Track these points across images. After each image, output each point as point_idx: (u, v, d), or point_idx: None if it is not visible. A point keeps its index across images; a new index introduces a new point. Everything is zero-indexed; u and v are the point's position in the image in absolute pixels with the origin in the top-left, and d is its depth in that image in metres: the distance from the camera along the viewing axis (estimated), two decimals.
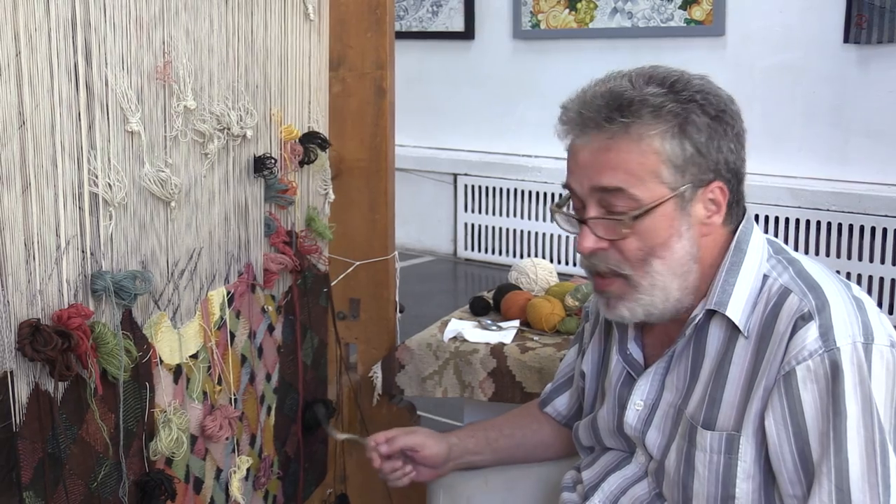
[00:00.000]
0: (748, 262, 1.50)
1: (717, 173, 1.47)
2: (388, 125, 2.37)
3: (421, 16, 6.72)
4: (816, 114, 5.30)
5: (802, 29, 5.27)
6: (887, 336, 1.41)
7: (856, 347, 1.38)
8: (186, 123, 1.57)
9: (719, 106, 1.47)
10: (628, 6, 5.80)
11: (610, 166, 1.45)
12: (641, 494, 1.59)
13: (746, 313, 1.47)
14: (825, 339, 1.38)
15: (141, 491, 1.49)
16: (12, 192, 1.20)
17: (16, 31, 1.19)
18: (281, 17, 1.87)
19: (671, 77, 1.48)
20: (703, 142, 1.45)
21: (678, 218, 1.46)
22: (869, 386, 1.37)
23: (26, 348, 1.22)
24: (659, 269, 1.47)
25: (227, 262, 1.74)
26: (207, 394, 1.68)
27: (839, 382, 1.36)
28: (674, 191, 1.45)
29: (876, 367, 1.38)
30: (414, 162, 6.47)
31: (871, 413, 1.36)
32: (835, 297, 1.43)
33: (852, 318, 1.41)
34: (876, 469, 1.35)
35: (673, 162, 1.44)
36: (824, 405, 1.37)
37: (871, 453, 1.36)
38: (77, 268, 1.33)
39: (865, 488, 1.35)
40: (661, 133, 1.43)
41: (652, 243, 1.46)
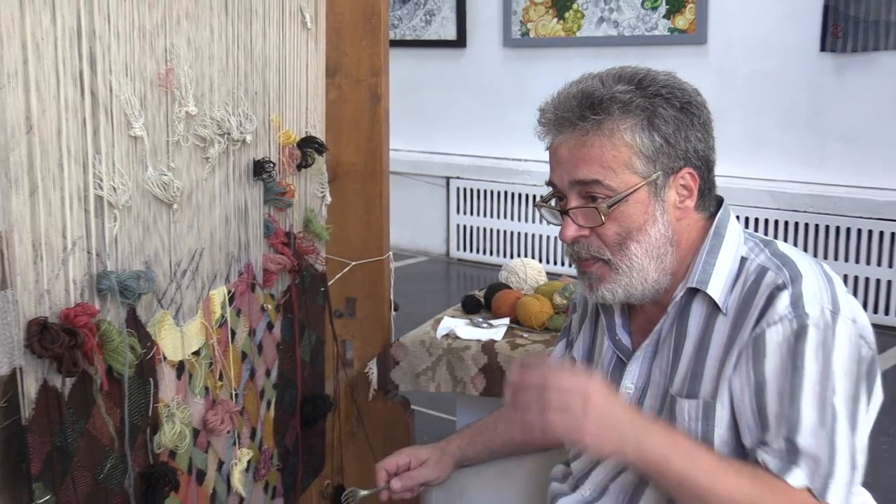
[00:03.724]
0: (727, 244, 1.54)
1: (687, 160, 1.52)
2: (382, 130, 2.37)
3: (414, 24, 6.72)
4: (795, 119, 5.31)
5: (781, 38, 5.28)
6: (851, 311, 1.46)
7: (823, 314, 1.42)
8: (188, 128, 1.57)
9: (684, 98, 1.53)
10: (614, 15, 5.81)
11: (586, 160, 1.50)
12: (629, 481, 1.60)
13: (725, 292, 1.51)
14: (795, 305, 1.43)
15: (146, 482, 1.49)
16: (20, 195, 1.20)
17: (23, 40, 1.19)
18: (279, 26, 1.87)
19: (638, 75, 1.53)
20: (671, 132, 1.50)
21: (652, 203, 1.51)
22: (831, 350, 1.41)
23: (34, 346, 1.22)
24: (636, 251, 1.51)
25: (228, 262, 1.74)
26: (209, 389, 1.68)
27: (802, 342, 1.41)
28: (646, 179, 1.50)
29: (840, 336, 1.42)
30: (408, 166, 6.47)
31: (828, 376, 1.40)
32: (807, 271, 1.48)
33: (823, 290, 1.46)
34: (825, 426, 1.39)
35: (644, 153, 1.49)
36: (785, 362, 1.42)
37: (822, 411, 1.39)
38: (83, 268, 1.33)
39: (813, 443, 1.38)
40: (631, 127, 1.49)
41: (628, 228, 1.51)
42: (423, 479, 1.82)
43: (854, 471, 1.42)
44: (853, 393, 1.42)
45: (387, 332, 2.48)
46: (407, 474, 1.81)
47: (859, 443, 1.43)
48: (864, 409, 1.45)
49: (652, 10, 5.67)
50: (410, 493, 1.84)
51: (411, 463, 1.83)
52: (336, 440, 2.37)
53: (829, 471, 1.39)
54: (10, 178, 1.18)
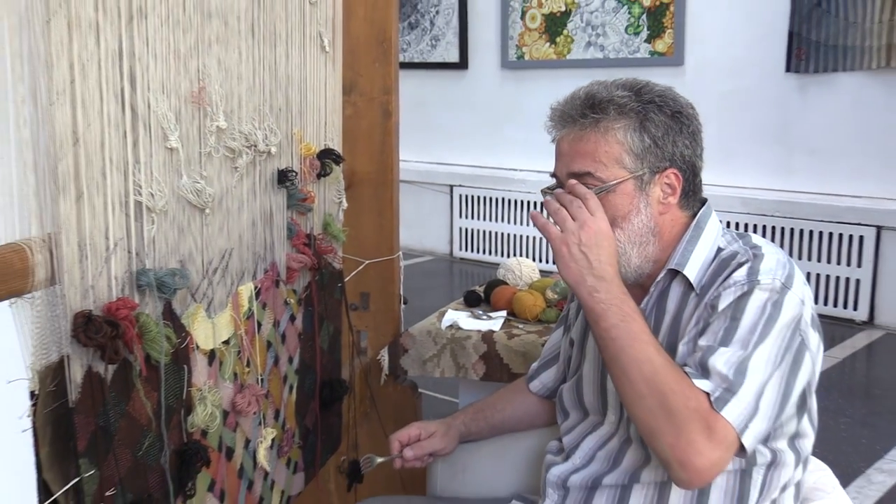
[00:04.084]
0: (706, 235, 1.57)
1: (673, 162, 1.54)
2: (393, 143, 2.37)
3: (422, 48, 6.72)
4: (763, 133, 5.31)
5: (751, 60, 5.28)
6: (802, 293, 1.46)
7: (774, 283, 1.44)
8: (219, 141, 1.57)
9: (676, 108, 1.55)
10: (600, 40, 5.80)
11: (581, 154, 1.53)
12: (613, 447, 1.61)
13: (700, 274, 1.53)
14: (751, 274, 1.45)
15: (180, 459, 1.48)
16: (68, 200, 1.20)
17: (71, 61, 1.19)
18: (300, 49, 1.87)
19: (638, 84, 1.56)
20: (660, 136, 1.53)
21: (637, 196, 1.53)
22: (772, 313, 1.42)
23: (80, 336, 1.22)
24: (619, 237, 1.53)
25: (255, 261, 1.74)
26: (237, 375, 1.68)
27: (747, 299, 1.43)
28: (633, 174, 1.52)
29: (785, 305, 1.43)
30: (415, 175, 6.47)
31: (759, 330, 1.41)
32: (770, 254, 1.50)
33: (780, 268, 1.47)
34: (741, 361, 1.39)
35: (633, 150, 1.52)
36: (728, 313, 1.43)
37: (744, 350, 1.40)
38: (124, 266, 1.33)
39: (725, 367, 1.38)
40: (624, 127, 1.52)
41: (614, 216, 1.52)
42: (432, 449, 1.83)
43: (758, 412, 1.39)
44: (778, 354, 1.42)
45: (397, 324, 2.48)
46: (417, 444, 1.82)
47: (770, 394, 1.40)
48: (784, 375, 1.43)
49: (634, 35, 5.66)
50: (420, 462, 1.84)
51: (421, 435, 1.83)
52: (351, 420, 2.36)
53: (732, 391, 1.38)
54: (58, 186, 1.18)
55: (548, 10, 6.03)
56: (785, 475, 1.52)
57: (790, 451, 1.52)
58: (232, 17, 1.59)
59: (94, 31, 1.23)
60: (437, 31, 6.65)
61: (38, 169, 1.17)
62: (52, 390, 1.21)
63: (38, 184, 1.17)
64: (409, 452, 1.82)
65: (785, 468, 1.52)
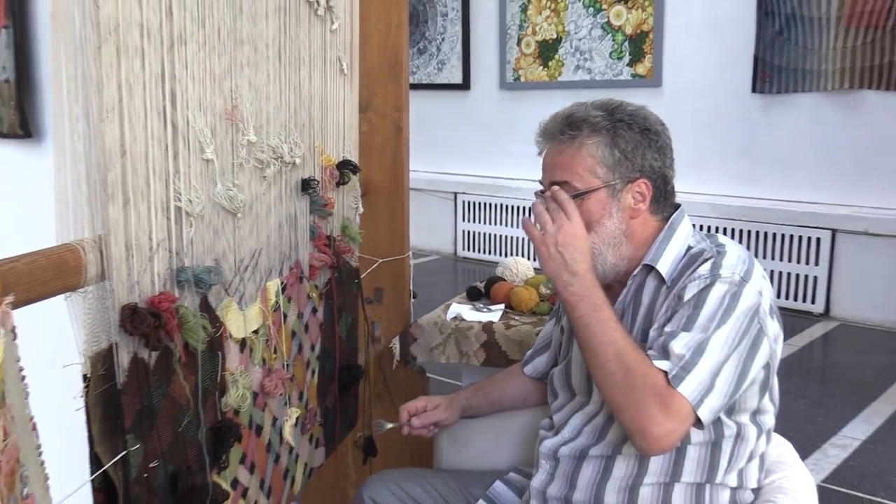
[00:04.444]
0: (678, 235, 1.58)
1: (643, 173, 1.56)
2: (404, 155, 2.37)
3: (429, 71, 6.72)
4: (731, 147, 5.31)
5: (720, 82, 5.28)
6: (760, 287, 1.46)
7: (734, 277, 1.45)
8: (249, 153, 1.57)
9: (645, 125, 1.57)
10: (588, 64, 5.80)
11: (560, 166, 1.57)
12: (598, 423, 1.61)
13: (671, 270, 1.54)
14: (714, 269, 1.46)
15: (215, 435, 1.48)
16: (116, 206, 1.20)
17: (119, 82, 1.19)
18: (322, 72, 1.87)
19: (613, 104, 1.59)
20: (630, 150, 1.55)
21: (610, 203, 1.55)
22: (730, 303, 1.42)
23: (127, 326, 1.22)
24: (594, 238, 1.55)
25: (281, 259, 1.74)
26: (266, 360, 1.68)
27: (709, 290, 1.44)
28: (605, 183, 1.54)
29: (743, 297, 1.43)
30: (424, 183, 6.47)
31: (718, 317, 1.41)
32: (733, 250, 1.51)
33: (740, 264, 1.47)
34: (699, 344, 1.40)
35: (605, 163, 1.54)
36: (691, 303, 1.44)
37: (703, 333, 1.41)
38: (165, 264, 1.32)
39: (683, 349, 1.40)
40: (597, 143, 1.54)
41: (589, 219, 1.55)
42: (436, 419, 1.84)
43: (713, 389, 1.39)
44: (735, 338, 1.42)
45: (407, 315, 2.48)
46: (424, 414, 1.84)
47: (727, 374, 1.41)
48: (741, 357, 1.42)
49: (618, 59, 5.65)
50: (426, 430, 1.86)
51: (427, 406, 1.86)
52: (366, 401, 2.36)
53: (688, 369, 1.39)
54: (107, 193, 1.18)
55: (541, 38, 6.03)
56: (749, 447, 1.53)
57: (752, 426, 1.52)
58: (261, 44, 1.59)
59: (140, 56, 1.23)
60: (442, 56, 6.65)
61: (89, 178, 1.17)
62: (102, 374, 1.21)
63: (89, 191, 1.17)
64: (416, 421, 1.84)
65: (749, 440, 1.52)
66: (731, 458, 1.52)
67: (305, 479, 1.94)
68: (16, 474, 0.98)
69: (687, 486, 1.51)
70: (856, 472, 3.01)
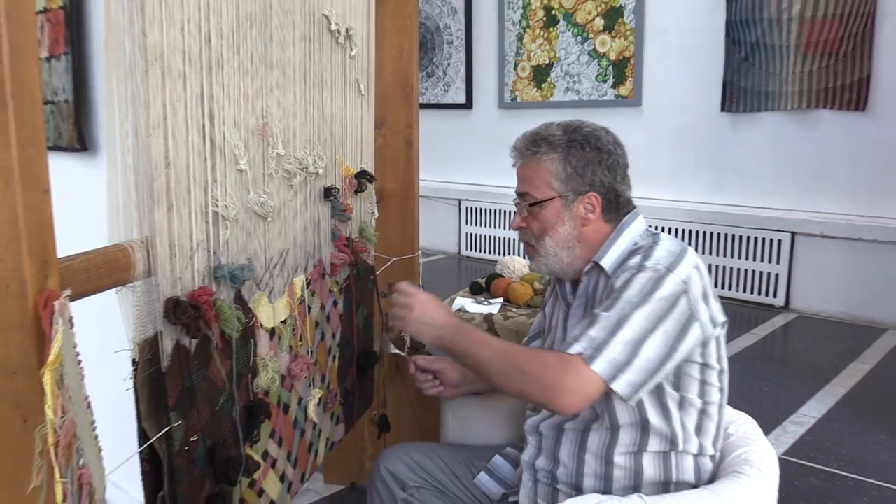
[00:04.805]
0: (625, 235, 1.58)
1: (593, 187, 1.57)
2: (414, 166, 2.37)
3: (436, 92, 6.71)
4: (703, 159, 5.29)
5: (694, 102, 5.26)
6: (686, 275, 1.44)
7: (657, 267, 1.44)
8: (278, 164, 1.57)
9: (597, 145, 1.58)
10: (576, 86, 5.79)
11: (523, 178, 1.62)
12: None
13: (615, 264, 1.54)
14: (642, 261, 1.47)
15: (247, 412, 1.49)
16: (161, 211, 1.20)
17: (164, 101, 1.19)
18: (342, 93, 1.87)
19: (573, 125, 1.61)
20: (581, 166, 1.56)
21: (563, 212, 1.58)
22: (652, 289, 1.42)
23: (170, 316, 1.22)
24: (549, 242, 1.59)
25: (306, 258, 1.74)
26: (292, 347, 1.68)
27: (633, 278, 1.44)
28: (559, 194, 1.57)
29: (665, 285, 1.42)
30: (432, 191, 6.46)
31: (636, 300, 1.41)
32: (664, 243, 1.51)
33: (668, 255, 1.47)
34: (615, 324, 1.40)
35: (558, 177, 1.57)
36: (619, 287, 1.45)
37: (619, 314, 1.41)
38: (204, 262, 1.33)
39: (597, 331, 1.40)
40: (552, 159, 1.57)
41: (544, 226, 1.58)
42: (440, 367, 1.84)
43: (631, 365, 1.39)
44: (655, 319, 1.41)
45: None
46: (428, 358, 1.86)
47: (649, 352, 1.40)
48: (668, 338, 1.41)
49: (603, 82, 5.64)
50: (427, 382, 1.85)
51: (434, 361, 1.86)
52: (381, 383, 2.36)
53: (602, 349, 1.39)
54: (153, 199, 1.18)
55: (535, 63, 6.02)
56: (701, 419, 1.53)
57: (699, 400, 1.52)
58: (289, 68, 1.59)
59: (182, 79, 1.24)
60: (448, 79, 6.64)
61: (138, 186, 1.17)
62: (148, 359, 1.21)
63: (137, 198, 1.17)
64: (422, 361, 1.85)
65: (693, 409, 1.52)
66: (686, 430, 1.51)
67: (327, 451, 1.94)
68: (73, 447, 0.98)
69: (655, 455, 1.51)
70: (812, 445, 3.00)
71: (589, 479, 1.54)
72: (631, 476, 1.52)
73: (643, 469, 1.51)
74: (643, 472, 1.51)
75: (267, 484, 1.59)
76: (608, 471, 1.53)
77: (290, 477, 1.71)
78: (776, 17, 4.82)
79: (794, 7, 4.75)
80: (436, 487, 1.76)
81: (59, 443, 0.94)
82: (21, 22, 0.91)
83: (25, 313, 0.94)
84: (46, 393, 0.93)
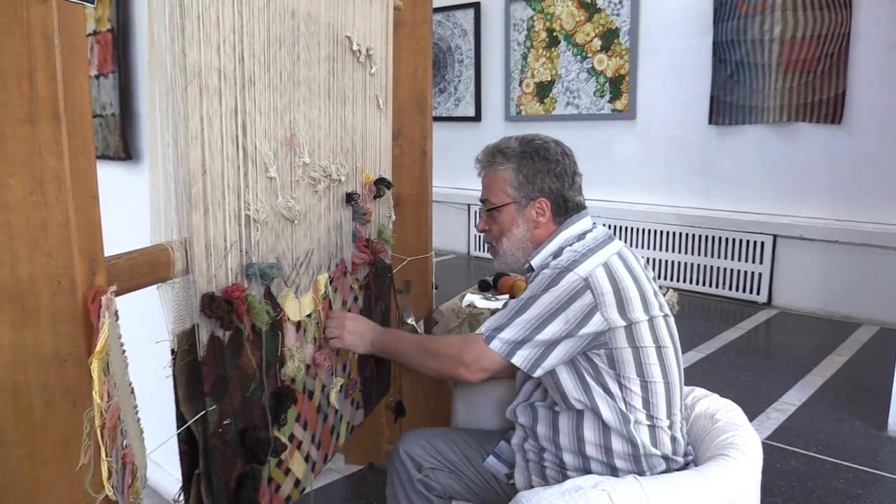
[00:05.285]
0: (557, 240, 1.62)
1: (542, 193, 1.63)
2: (428, 174, 2.37)
3: (448, 107, 6.71)
4: (692, 168, 5.27)
5: (683, 115, 5.24)
6: (587, 272, 1.47)
7: (556, 267, 1.50)
8: (304, 172, 1.57)
9: (546, 156, 1.63)
10: (576, 101, 5.77)
11: (484, 186, 1.68)
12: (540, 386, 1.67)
13: (542, 263, 1.60)
14: (551, 261, 1.53)
15: (276, 399, 1.49)
16: (198, 214, 1.20)
17: (201, 115, 1.19)
18: (363, 107, 1.87)
19: (527, 139, 1.67)
20: (531, 175, 1.62)
21: (517, 216, 1.64)
22: (549, 285, 1.47)
23: (206, 310, 1.22)
24: (506, 243, 1.65)
25: (329, 258, 1.74)
26: (317, 339, 1.68)
27: (538, 276, 1.52)
28: (513, 200, 1.63)
29: (562, 281, 1.47)
30: (444, 196, 6.46)
31: (535, 293, 1.48)
32: (574, 245, 1.56)
33: (570, 256, 1.51)
34: (513, 313, 1.50)
35: (512, 185, 1.63)
36: (528, 283, 1.54)
37: (517, 304, 1.49)
38: (237, 261, 1.33)
39: (498, 318, 1.51)
40: (506, 168, 1.63)
41: (501, 228, 1.65)
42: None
43: (528, 341, 1.47)
44: (550, 312, 1.46)
45: (430, 303, 2.47)
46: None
47: (542, 335, 1.47)
48: (557, 322, 1.46)
49: (600, 97, 5.62)
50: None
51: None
52: (397, 372, 2.36)
53: (500, 329, 1.49)
54: (191, 203, 1.18)
55: (538, 80, 6.01)
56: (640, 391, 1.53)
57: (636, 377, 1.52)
58: (314, 85, 1.60)
59: (218, 95, 1.24)
60: (459, 95, 6.64)
61: (177, 192, 1.17)
62: (186, 349, 1.21)
63: (177, 202, 1.17)
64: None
65: (636, 386, 1.52)
66: (632, 406, 1.52)
67: (348, 434, 1.94)
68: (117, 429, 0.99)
69: (614, 430, 1.52)
70: (792, 431, 2.98)
71: (568, 455, 1.56)
72: (602, 451, 1.53)
73: (611, 444, 1.53)
74: (612, 447, 1.53)
75: (293, 464, 1.60)
76: (581, 447, 1.55)
77: (314, 458, 1.71)
78: (759, 38, 4.80)
79: (775, 29, 4.73)
80: (449, 468, 1.76)
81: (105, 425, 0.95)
82: (73, 44, 0.91)
83: (75, 307, 0.95)
84: (94, 379, 0.94)
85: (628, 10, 5.41)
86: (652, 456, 1.52)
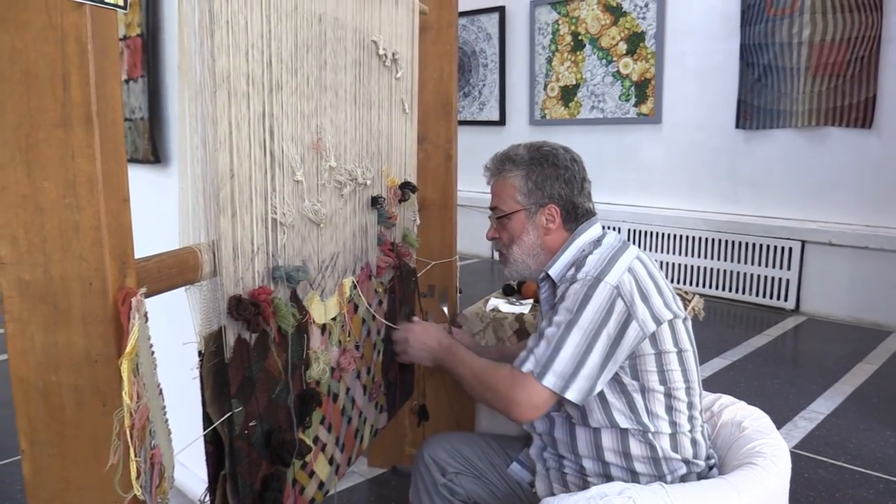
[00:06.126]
0: (574, 245, 1.60)
1: (552, 199, 1.61)
2: (453, 178, 2.37)
3: (473, 110, 6.71)
4: (718, 172, 5.22)
5: (710, 119, 5.20)
6: (617, 280, 1.45)
7: (587, 277, 1.46)
8: (330, 176, 1.57)
9: (554, 162, 1.62)
10: (601, 104, 5.75)
11: (493, 193, 1.71)
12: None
13: (561, 273, 1.57)
14: (575, 272, 1.49)
15: (301, 401, 1.49)
16: (226, 217, 1.21)
17: (229, 120, 1.20)
18: (389, 112, 1.87)
19: (535, 146, 1.66)
20: (540, 181, 1.61)
21: (527, 223, 1.63)
22: (585, 298, 1.43)
23: (233, 312, 1.23)
24: (517, 250, 1.64)
25: (354, 261, 1.75)
26: (341, 342, 1.68)
27: (569, 289, 1.47)
28: (523, 207, 1.62)
29: (596, 293, 1.43)
30: (468, 200, 6.46)
31: (574, 311, 1.44)
32: (597, 251, 1.53)
33: (598, 265, 1.48)
34: (555, 337, 1.43)
35: (521, 192, 1.62)
36: (559, 301, 1.48)
37: (558, 328, 1.44)
38: (264, 264, 1.34)
39: (542, 347, 1.45)
40: (515, 176, 1.63)
41: (512, 236, 1.64)
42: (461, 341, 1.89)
43: (579, 375, 1.43)
44: (592, 332, 1.42)
45: (454, 307, 2.47)
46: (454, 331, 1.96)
47: (591, 361, 1.43)
48: (602, 345, 1.43)
49: (626, 101, 5.59)
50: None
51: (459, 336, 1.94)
52: (421, 375, 2.36)
53: (548, 364, 1.43)
54: (219, 206, 1.19)
55: (563, 84, 5.99)
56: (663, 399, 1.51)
57: (660, 385, 1.50)
58: (341, 90, 1.60)
59: (246, 99, 1.25)
60: (483, 98, 6.64)
61: (205, 195, 1.18)
62: (213, 350, 1.22)
63: (205, 205, 1.18)
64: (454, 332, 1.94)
65: (659, 394, 1.51)
66: (655, 414, 1.51)
67: (372, 437, 1.94)
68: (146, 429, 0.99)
69: (634, 436, 1.51)
70: (821, 440, 2.94)
71: (587, 462, 1.55)
72: (620, 456, 1.52)
73: (630, 450, 1.52)
74: (630, 451, 1.52)
75: (317, 466, 1.60)
76: (599, 453, 1.54)
77: (338, 460, 1.71)
78: (787, 41, 4.74)
79: (804, 32, 4.67)
80: (473, 474, 1.76)
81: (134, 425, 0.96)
82: (105, 49, 0.92)
83: (106, 308, 0.96)
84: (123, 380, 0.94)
85: (654, 14, 5.38)
86: (672, 460, 1.51)
